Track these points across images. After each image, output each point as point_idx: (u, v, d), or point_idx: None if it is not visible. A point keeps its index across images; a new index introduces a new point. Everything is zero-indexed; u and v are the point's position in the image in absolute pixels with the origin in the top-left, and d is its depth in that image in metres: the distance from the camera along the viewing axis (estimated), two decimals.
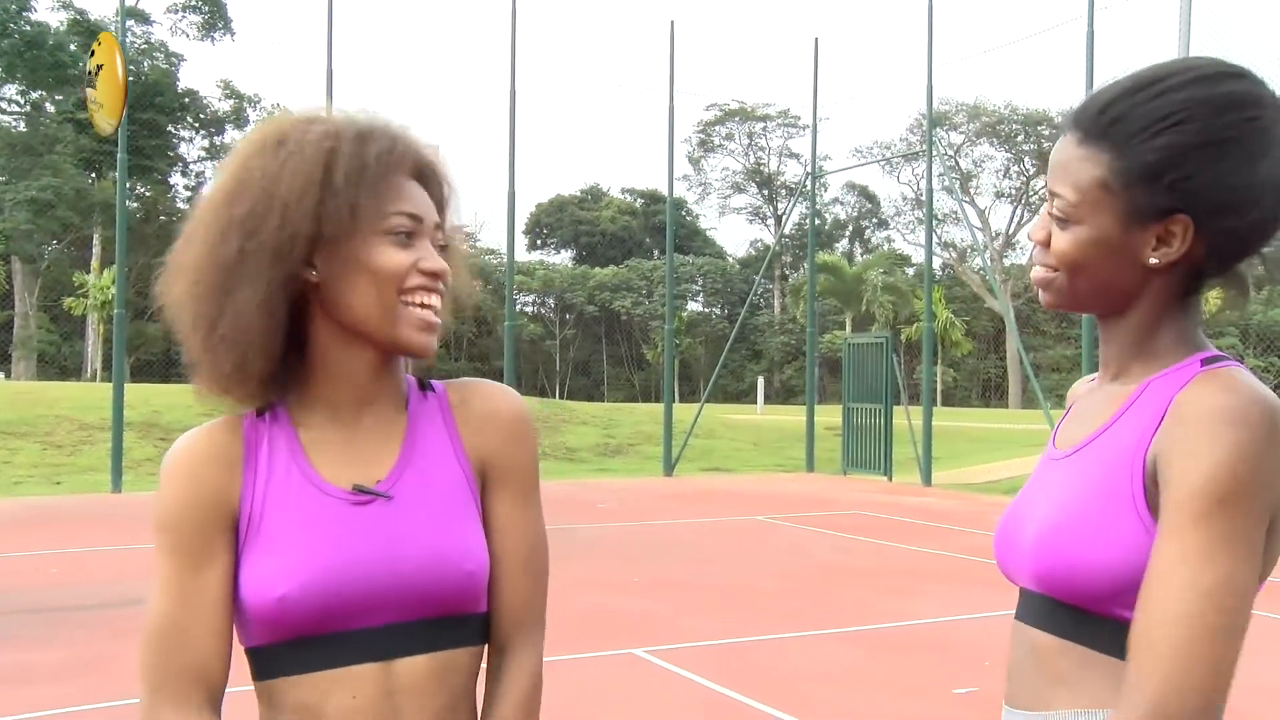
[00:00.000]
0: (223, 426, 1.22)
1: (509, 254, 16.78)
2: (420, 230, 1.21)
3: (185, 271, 1.19)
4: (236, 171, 1.19)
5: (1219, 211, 1.06)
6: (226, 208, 1.17)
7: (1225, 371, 1.06)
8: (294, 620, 1.14)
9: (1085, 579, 1.06)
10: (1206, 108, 1.06)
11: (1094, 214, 1.10)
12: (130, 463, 15.13)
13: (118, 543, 9.50)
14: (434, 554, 1.18)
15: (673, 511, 12.53)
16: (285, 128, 1.20)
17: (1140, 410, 1.10)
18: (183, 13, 41.08)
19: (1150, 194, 1.07)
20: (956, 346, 45.58)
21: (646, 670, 5.54)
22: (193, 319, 1.18)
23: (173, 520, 1.18)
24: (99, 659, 5.59)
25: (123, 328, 14.17)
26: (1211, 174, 1.05)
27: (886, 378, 16.67)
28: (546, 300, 54.38)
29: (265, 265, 1.14)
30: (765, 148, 59.12)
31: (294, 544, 1.16)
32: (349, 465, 1.21)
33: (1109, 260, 1.11)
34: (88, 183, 38.31)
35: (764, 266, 25.06)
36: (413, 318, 1.19)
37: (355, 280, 1.17)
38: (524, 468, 1.27)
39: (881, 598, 7.52)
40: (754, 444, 22.31)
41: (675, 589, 7.72)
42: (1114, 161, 1.08)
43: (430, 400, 1.28)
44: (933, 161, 17.29)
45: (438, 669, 1.18)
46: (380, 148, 1.18)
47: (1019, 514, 1.20)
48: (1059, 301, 1.17)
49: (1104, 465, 1.10)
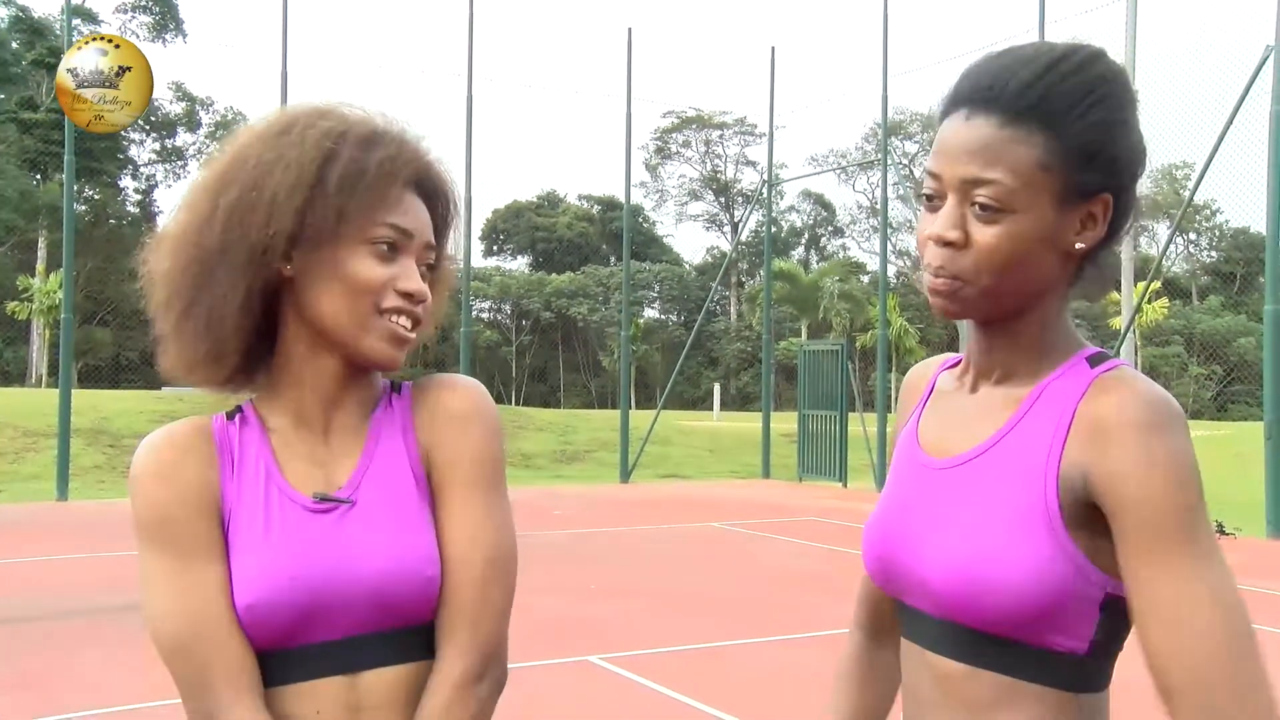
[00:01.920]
0: (193, 426, 1.19)
1: (465, 260, 16.71)
2: (407, 246, 1.17)
3: (169, 244, 1.17)
4: (234, 154, 1.16)
5: (1128, 186, 1.06)
6: (217, 191, 1.14)
7: (1123, 375, 1.03)
8: (260, 630, 1.11)
9: (997, 603, 1.00)
10: (1116, 83, 1.06)
11: (1033, 198, 1.03)
12: (77, 470, 14.83)
13: (63, 552, 9.29)
14: (394, 562, 1.14)
15: (629, 518, 12.52)
16: (295, 116, 1.17)
17: (1037, 420, 1.05)
18: (132, 13, 40.52)
19: (1087, 173, 1.04)
20: (910, 354, 46.00)
21: (602, 677, 5.52)
22: (167, 297, 1.16)
23: (164, 516, 1.13)
24: (42, 673, 5.46)
25: (70, 332, 13.90)
26: (1127, 146, 1.06)
27: (842, 385, 16.80)
28: (503, 306, 54.17)
29: (244, 260, 1.12)
30: (722, 155, 59.48)
31: (260, 550, 1.13)
32: (314, 471, 1.19)
33: (1041, 251, 1.04)
34: (33, 184, 37.55)
35: (720, 274, 25.21)
36: (383, 329, 1.16)
37: (329, 285, 1.14)
38: (467, 458, 1.19)
39: (837, 603, 7.56)
40: (710, 450, 22.36)
41: (631, 596, 7.72)
42: (1049, 142, 1.02)
43: (394, 403, 1.25)
44: (888, 170, 17.47)
45: (403, 682, 1.15)
46: (383, 155, 1.15)
47: (902, 528, 1.13)
48: (965, 310, 1.08)
49: (1005, 481, 1.04)
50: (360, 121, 1.18)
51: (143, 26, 41.00)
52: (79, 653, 5.81)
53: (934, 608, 1.07)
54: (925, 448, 1.16)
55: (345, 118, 1.18)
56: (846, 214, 58.12)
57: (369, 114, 1.20)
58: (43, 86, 38.14)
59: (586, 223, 59.56)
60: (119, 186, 43.78)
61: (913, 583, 1.10)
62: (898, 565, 1.12)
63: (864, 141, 47.85)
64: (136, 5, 40.71)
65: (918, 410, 1.22)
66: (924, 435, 1.18)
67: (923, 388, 1.25)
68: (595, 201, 61.13)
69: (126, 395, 21.67)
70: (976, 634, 1.04)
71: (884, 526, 1.16)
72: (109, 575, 7.95)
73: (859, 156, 47.46)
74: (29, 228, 37.62)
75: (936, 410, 1.19)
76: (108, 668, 5.48)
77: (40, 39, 38.73)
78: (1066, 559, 1.00)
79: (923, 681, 1.11)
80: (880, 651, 1.30)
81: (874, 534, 1.17)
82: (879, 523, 1.17)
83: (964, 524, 1.05)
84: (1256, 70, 11.18)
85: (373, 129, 1.17)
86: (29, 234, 38.20)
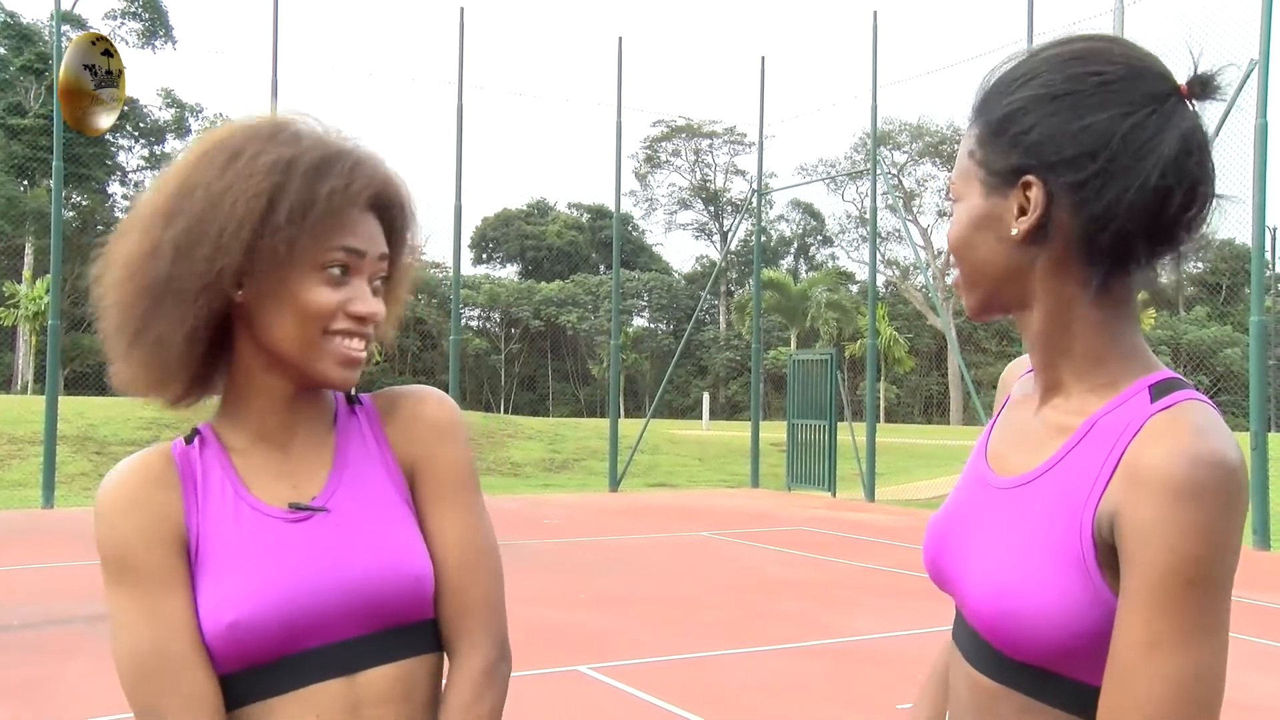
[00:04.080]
0: (155, 455, 1.20)
1: (455, 268, 16.68)
2: (359, 266, 1.17)
3: (115, 271, 1.16)
4: (182, 179, 1.15)
5: (1058, 165, 1.01)
6: (163, 221, 1.13)
7: (1181, 418, 0.97)
8: (248, 646, 1.12)
9: (1025, 635, 1.00)
10: (1052, 63, 1.04)
11: (967, 186, 1.09)
12: (63, 477, 14.75)
13: (49, 560, 9.24)
14: (377, 563, 1.16)
15: (618, 527, 12.50)
16: (241, 142, 1.15)
17: (1086, 454, 1.02)
18: (122, 19, 40.41)
19: (999, 152, 1.05)
20: (899, 363, 46.15)
21: (592, 687, 5.51)
22: (116, 325, 1.16)
23: (127, 550, 1.13)
24: (27, 682, 5.43)
25: (57, 339, 13.83)
26: (1048, 126, 1.02)
27: (830, 394, 16.82)
28: (492, 315, 54.14)
29: (191, 294, 1.12)
30: (711, 164, 59.60)
31: (237, 569, 1.14)
32: (282, 484, 1.19)
33: (979, 237, 1.08)
34: (20, 190, 37.40)
35: (710, 283, 25.20)
36: (334, 353, 1.16)
37: (280, 311, 1.14)
38: (452, 467, 1.24)
39: (825, 613, 7.57)
40: (699, 459, 22.36)
41: (620, 605, 7.70)
42: (975, 130, 1.09)
43: (359, 413, 1.27)
44: (877, 180, 17.53)
45: (400, 679, 1.17)
46: (333, 185, 1.13)
47: (952, 539, 1.13)
48: (968, 302, 1.13)
49: (1048, 514, 1.03)
50: (312, 146, 1.15)
51: (132, 32, 40.88)
52: (65, 661, 5.77)
53: (975, 622, 1.07)
54: (990, 460, 1.16)
55: (297, 140, 1.15)
56: (835, 223, 58.32)
57: (322, 134, 1.18)
58: (30, 92, 38.02)
59: (576, 231, 59.61)
60: (107, 193, 43.63)
61: (956, 592, 1.12)
62: (944, 572, 1.14)
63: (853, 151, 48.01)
64: (126, 11, 40.59)
65: (995, 418, 1.22)
66: (992, 446, 1.17)
67: (1008, 387, 1.25)
68: (585, 210, 61.19)
69: (113, 402, 21.55)
70: (1004, 655, 1.04)
71: (937, 531, 1.17)
72: (95, 583, 7.88)
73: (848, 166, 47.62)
74: (16, 234, 37.45)
75: (1007, 421, 1.18)
76: (93, 677, 5.44)
77: (29, 45, 38.59)
78: (1097, 600, 0.98)
79: (961, 686, 1.12)
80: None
81: (929, 535, 1.18)
82: (935, 525, 1.18)
83: (1005, 550, 1.04)
84: (1241, 83, 11.26)
85: (323, 155, 1.14)
86: (16, 240, 38.03)
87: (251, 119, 1.19)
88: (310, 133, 1.17)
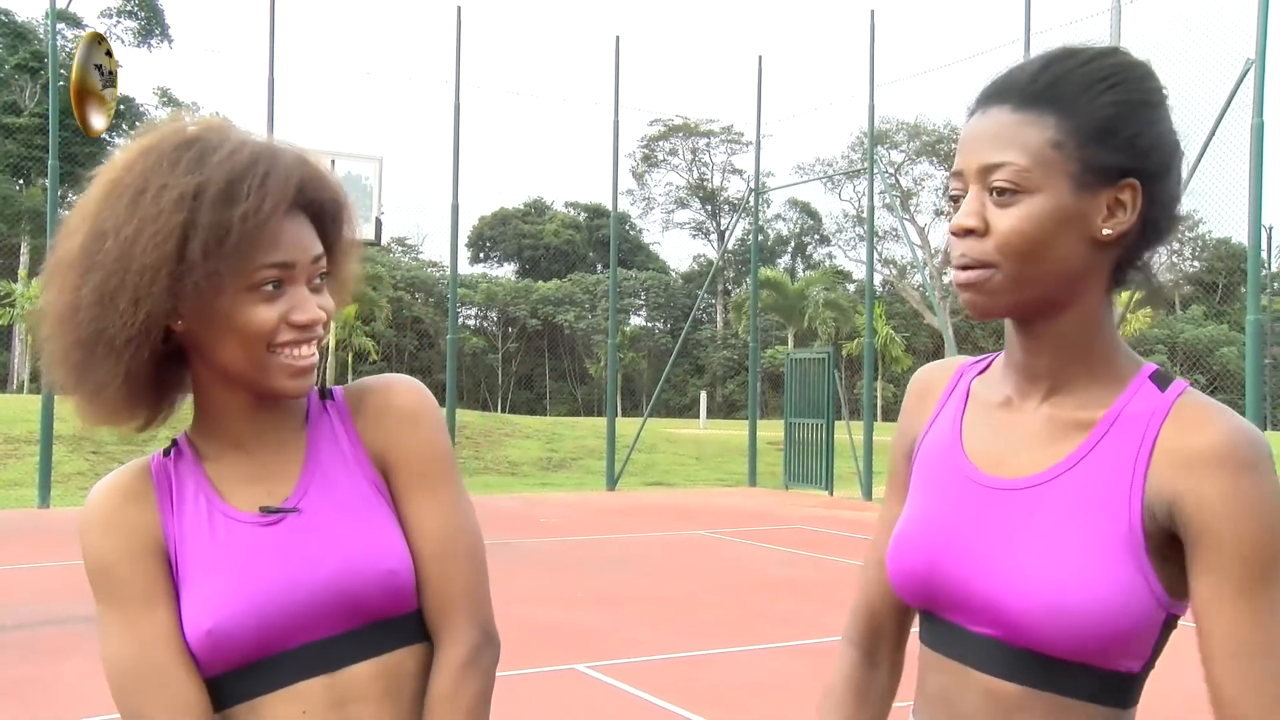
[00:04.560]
0: (131, 471, 1.21)
1: (452, 267, 16.67)
2: (292, 276, 1.13)
3: (46, 324, 1.14)
4: (92, 225, 1.10)
5: (1160, 173, 1.04)
6: (79, 274, 1.09)
7: (1204, 402, 1.03)
8: (227, 651, 1.13)
9: (1075, 629, 1.00)
10: (1137, 71, 1.06)
11: (1048, 178, 1.02)
12: (59, 477, 14.72)
13: (45, 560, 9.23)
14: (352, 559, 1.16)
15: (615, 526, 12.50)
16: (144, 176, 1.09)
17: (1115, 446, 1.04)
18: (118, 18, 40.32)
19: (1105, 152, 1.02)
20: (896, 362, 46.14)
21: (589, 685, 5.51)
22: (58, 375, 1.15)
23: (106, 566, 1.16)
24: (23, 681, 5.42)
25: None
26: (1155, 133, 1.04)
27: (828, 393, 16.83)
28: (489, 314, 54.09)
29: (121, 344, 1.09)
30: (709, 163, 59.55)
31: (213, 576, 1.15)
32: (255, 489, 1.20)
33: (1063, 235, 1.02)
34: (15, 189, 37.34)
35: (707, 282, 25.21)
36: (283, 367, 1.15)
37: (222, 337, 1.13)
38: (423, 455, 1.22)
39: (823, 611, 7.57)
40: (696, 458, 22.36)
41: (618, 604, 7.70)
42: (1063, 121, 1.02)
43: (329, 409, 1.26)
44: (874, 179, 17.55)
45: (384, 673, 1.18)
46: (246, 208, 1.08)
47: (956, 545, 1.09)
48: (997, 304, 1.05)
49: (1084, 507, 1.03)
50: (217, 167, 1.09)
51: (128, 31, 40.80)
52: (61, 661, 5.76)
53: (995, 628, 1.05)
54: (978, 464, 1.12)
55: (201, 164, 1.09)
56: (833, 222, 58.19)
57: (230, 148, 1.11)
58: (25, 91, 37.94)
59: (573, 230, 59.56)
60: None
61: (961, 599, 1.08)
62: (943, 580, 1.10)
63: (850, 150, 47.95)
64: (122, 10, 40.49)
65: (954, 419, 1.18)
66: (973, 449, 1.14)
67: (938, 392, 1.22)
68: (582, 209, 61.14)
69: None
70: (1033, 655, 1.03)
71: (926, 539, 1.12)
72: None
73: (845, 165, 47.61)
74: (11, 233, 37.39)
75: (984, 422, 1.15)
76: (89, 676, 5.43)
77: (24, 43, 38.50)
78: (1146, 586, 1.00)
79: (970, 698, 1.09)
80: (874, 672, 1.26)
81: (910, 545, 1.13)
82: (918, 534, 1.13)
83: (1041, 548, 1.03)
84: (1238, 83, 11.27)
85: (229, 177, 1.08)
86: (11, 239, 37.97)
87: (150, 141, 1.13)
88: (216, 147, 1.11)
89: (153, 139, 1.14)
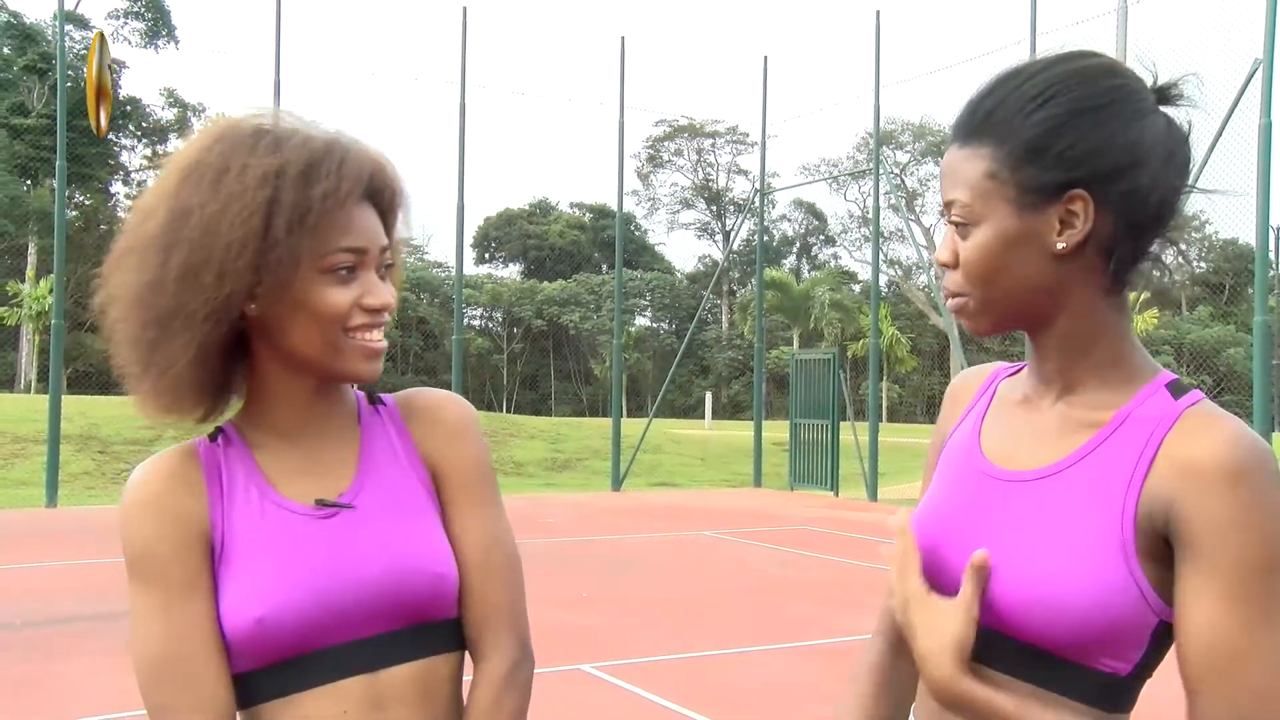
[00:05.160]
0: (179, 454, 1.20)
1: (457, 267, 16.69)
2: (364, 261, 1.16)
3: (119, 305, 1.15)
4: (173, 205, 1.12)
5: (1111, 176, 1.03)
6: (161, 251, 1.11)
7: (1212, 411, 1.03)
8: (274, 641, 1.12)
9: (1061, 623, 1.01)
10: (1075, 79, 1.05)
11: (988, 208, 1.06)
12: (66, 476, 14.76)
13: (52, 559, 9.25)
14: (403, 560, 1.17)
15: (620, 526, 12.50)
16: (224, 156, 1.12)
17: (1118, 447, 1.05)
18: (125, 19, 40.42)
19: (1039, 170, 1.04)
20: (901, 363, 46.12)
21: (595, 686, 5.51)
22: (127, 358, 1.16)
23: (148, 552, 1.14)
24: (29, 680, 5.43)
25: (60, 338, 13.84)
26: (1096, 138, 1.03)
27: (833, 393, 16.82)
28: (494, 314, 54.15)
29: (200, 320, 1.11)
30: (714, 164, 59.54)
31: (264, 564, 1.14)
32: (308, 481, 1.20)
33: (1016, 257, 1.06)
34: (23, 190, 37.44)
35: (712, 282, 25.18)
36: (357, 349, 1.17)
37: (295, 318, 1.14)
38: (473, 469, 1.26)
39: (828, 612, 7.56)
40: (701, 459, 22.36)
41: (623, 604, 7.71)
42: (995, 150, 1.06)
43: (381, 413, 1.28)
44: (879, 180, 17.52)
45: (422, 677, 1.18)
46: (326, 188, 1.12)
47: (956, 532, 1.12)
48: (981, 325, 1.12)
49: (1083, 503, 1.04)
50: (298, 148, 1.13)
51: (135, 32, 40.89)
52: (66, 660, 5.77)
53: (992, 619, 1.07)
54: (990, 455, 1.15)
55: (279, 146, 1.13)
56: (838, 223, 58.16)
57: (302, 134, 1.15)
58: (33, 92, 38.04)
59: (578, 231, 59.59)
60: (110, 192, 43.63)
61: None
62: (942, 568, 1.12)
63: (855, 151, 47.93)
64: (129, 11, 40.59)
65: (978, 417, 1.21)
66: (988, 442, 1.17)
67: (971, 395, 1.26)
68: (587, 209, 61.17)
69: (116, 401, 21.55)
70: (1025, 647, 1.04)
71: (930, 526, 1.16)
72: (97, 583, 7.91)
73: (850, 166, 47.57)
74: (19, 233, 37.50)
75: (1001, 419, 1.18)
76: (95, 675, 5.45)
77: (32, 45, 38.60)
78: (1134, 588, 1.01)
79: None
80: (900, 661, 1.29)
81: (916, 532, 1.16)
82: (923, 521, 1.17)
83: (1035, 542, 1.05)
84: (1245, 83, 11.24)
85: (310, 159, 1.13)
86: (19, 240, 38.08)
87: (224, 127, 1.16)
88: (290, 134, 1.15)
89: (225, 126, 1.17)
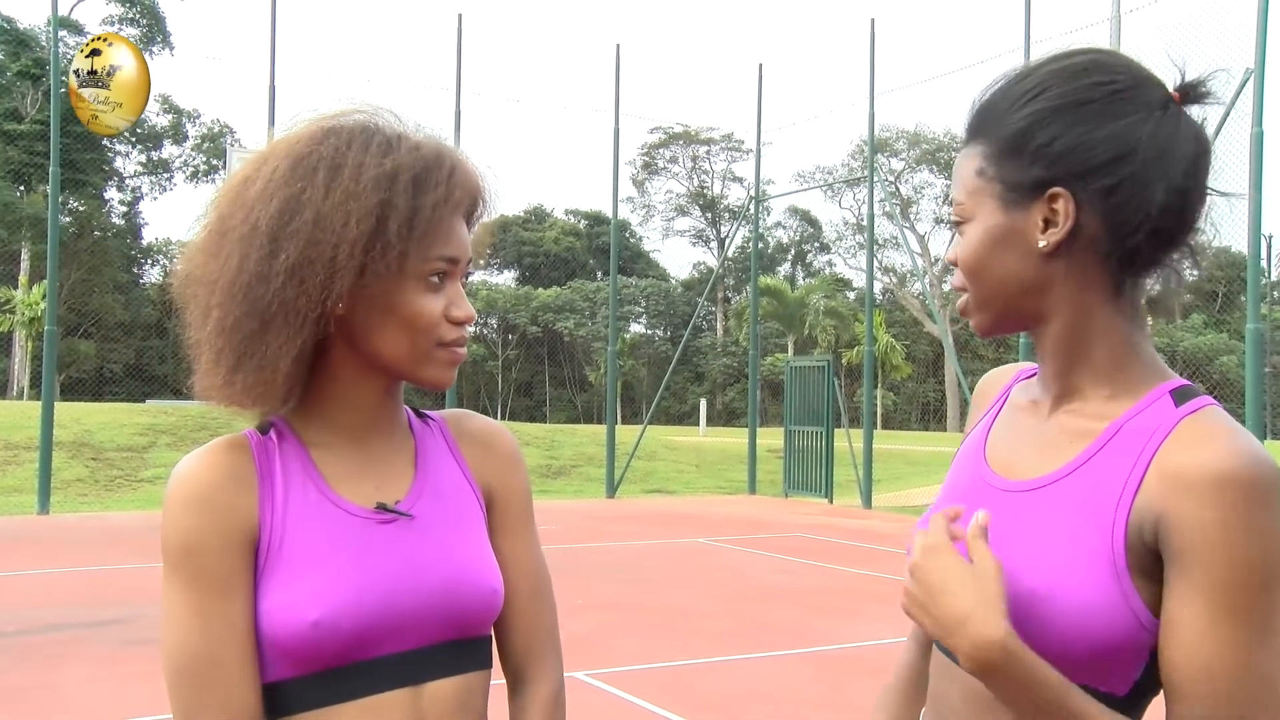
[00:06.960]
0: (230, 446, 1.15)
1: None
2: (454, 271, 1.17)
3: (211, 293, 1.12)
4: (284, 197, 1.10)
5: (1089, 172, 1.02)
6: (269, 242, 1.09)
7: (1212, 421, 0.99)
8: (327, 647, 1.09)
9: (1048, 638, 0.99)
10: (1061, 75, 1.05)
11: (978, 205, 1.08)
12: (59, 483, 14.71)
13: (44, 567, 9.22)
14: (462, 572, 1.17)
15: (615, 533, 12.49)
16: (338, 152, 1.11)
17: (1113, 457, 1.02)
18: (119, 25, 40.37)
19: (1017, 167, 1.05)
20: (896, 370, 46.19)
21: (589, 694, 5.50)
22: (217, 350, 1.12)
23: (192, 548, 1.09)
24: (21, 688, 5.41)
25: (54, 345, 13.80)
26: (1073, 135, 1.03)
27: (828, 400, 16.82)
28: (489, 321, 54.12)
29: (304, 317, 1.09)
30: (709, 171, 59.64)
31: (321, 566, 1.11)
32: (365, 485, 1.18)
33: (1000, 254, 1.07)
34: (16, 195, 37.37)
35: (707, 289, 25.18)
36: (444, 358, 1.17)
37: (384, 320, 1.13)
38: (524, 498, 1.29)
39: (822, 619, 7.56)
40: (696, 466, 22.35)
41: (617, 611, 7.69)
42: (985, 147, 1.08)
43: (432, 427, 1.27)
44: (874, 187, 17.56)
45: (461, 692, 1.17)
46: (436, 197, 1.12)
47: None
48: (980, 323, 1.12)
49: (1074, 515, 1.02)
50: (411, 153, 1.13)
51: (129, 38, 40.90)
52: (59, 668, 5.75)
53: None
54: (992, 463, 1.15)
55: (391, 148, 1.13)
56: (833, 230, 58.26)
57: (413, 139, 1.16)
58: (27, 98, 37.99)
59: (573, 237, 59.63)
60: (104, 199, 43.57)
61: None
62: None
63: (850, 158, 48.05)
64: (123, 17, 40.55)
65: (989, 421, 1.21)
66: (992, 450, 1.16)
67: (992, 397, 1.25)
68: (582, 216, 61.23)
69: (109, 408, 21.50)
70: None
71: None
72: (90, 590, 7.88)
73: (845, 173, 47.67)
74: (12, 239, 37.40)
75: (1009, 425, 1.17)
76: (88, 683, 5.42)
77: (25, 50, 38.57)
78: (1125, 604, 0.98)
79: (952, 692, 1.11)
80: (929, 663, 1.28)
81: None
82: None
83: (1026, 553, 1.03)
84: (1237, 92, 11.29)
85: (424, 166, 1.13)
86: (12, 246, 37.98)
87: (332, 121, 1.16)
88: (398, 137, 1.15)
89: (331, 121, 1.16)
